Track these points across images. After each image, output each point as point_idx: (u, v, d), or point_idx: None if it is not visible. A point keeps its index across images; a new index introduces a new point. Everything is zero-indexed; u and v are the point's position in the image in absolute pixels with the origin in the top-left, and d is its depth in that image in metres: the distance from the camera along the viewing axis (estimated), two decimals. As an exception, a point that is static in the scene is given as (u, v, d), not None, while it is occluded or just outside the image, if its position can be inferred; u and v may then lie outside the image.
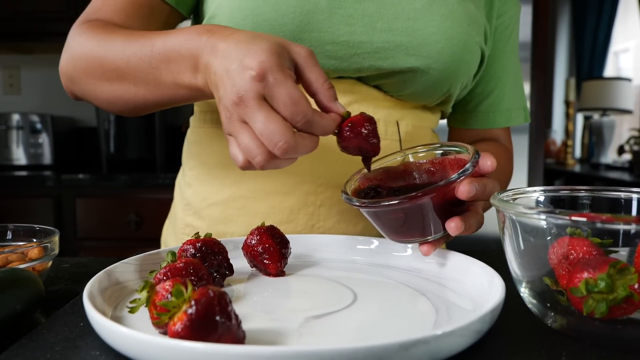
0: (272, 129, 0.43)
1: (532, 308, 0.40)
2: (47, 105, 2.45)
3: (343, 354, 0.29)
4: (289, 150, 0.44)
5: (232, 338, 0.32)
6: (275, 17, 0.62)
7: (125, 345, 0.33)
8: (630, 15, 3.96)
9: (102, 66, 0.60)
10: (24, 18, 2.13)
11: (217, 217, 0.70)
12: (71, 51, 0.64)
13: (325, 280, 0.50)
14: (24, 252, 0.49)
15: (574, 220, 0.34)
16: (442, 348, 0.32)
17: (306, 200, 0.67)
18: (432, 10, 0.65)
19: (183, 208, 0.75)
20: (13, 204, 1.96)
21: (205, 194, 0.72)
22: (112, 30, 0.61)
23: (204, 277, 0.42)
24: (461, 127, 0.82)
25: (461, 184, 0.46)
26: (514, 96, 0.81)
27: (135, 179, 1.92)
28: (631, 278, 0.33)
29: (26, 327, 0.40)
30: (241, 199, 0.69)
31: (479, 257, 0.49)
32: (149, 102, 0.59)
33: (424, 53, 0.65)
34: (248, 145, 0.45)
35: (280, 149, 0.44)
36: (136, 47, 0.56)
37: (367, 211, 0.50)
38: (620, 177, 2.57)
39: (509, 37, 0.78)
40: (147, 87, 0.57)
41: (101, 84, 0.61)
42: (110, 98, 0.62)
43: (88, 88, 0.63)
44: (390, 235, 0.52)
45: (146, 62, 0.55)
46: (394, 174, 0.56)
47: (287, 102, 0.44)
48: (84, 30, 0.63)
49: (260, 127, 0.44)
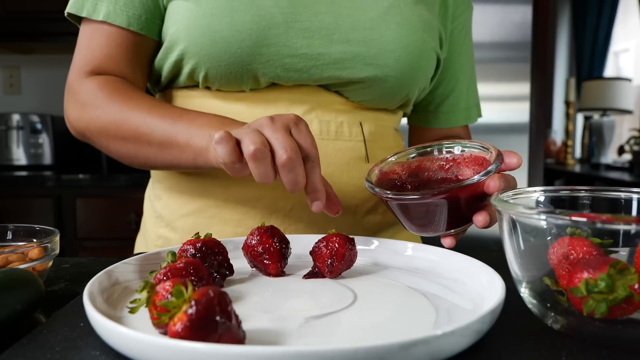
0: (279, 138, 0.50)
1: (532, 308, 0.40)
2: (47, 105, 2.45)
3: (343, 354, 0.29)
4: (264, 157, 0.49)
5: (232, 338, 0.32)
6: (231, 34, 0.63)
7: (125, 346, 0.33)
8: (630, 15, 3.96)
9: (119, 129, 0.64)
10: (24, 18, 2.13)
11: (189, 227, 0.71)
12: (85, 110, 0.67)
13: (325, 280, 0.50)
14: (24, 252, 0.49)
15: (574, 221, 0.34)
16: (442, 348, 0.32)
17: (277, 205, 0.68)
18: (387, 20, 0.67)
19: (154, 221, 0.76)
20: (13, 204, 1.96)
21: (176, 206, 0.72)
22: (129, 93, 0.66)
23: (204, 277, 0.42)
24: (423, 127, 0.85)
25: (492, 179, 0.50)
26: (471, 95, 0.84)
27: (135, 179, 1.92)
28: (631, 278, 0.33)
29: (26, 327, 0.40)
30: (211, 208, 0.70)
31: (479, 257, 0.49)
32: (158, 162, 0.64)
33: (381, 62, 0.67)
34: (253, 137, 0.49)
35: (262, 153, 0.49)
36: (157, 113, 0.62)
37: (392, 203, 0.53)
38: (620, 177, 2.57)
39: (464, 38, 0.81)
40: (159, 147, 0.62)
41: (115, 142, 0.65)
42: (122, 155, 0.67)
43: (100, 144, 0.68)
44: (412, 228, 0.55)
45: (167, 126, 0.61)
46: (416, 168, 0.59)
47: (286, 144, 0.50)
48: (97, 89, 0.66)
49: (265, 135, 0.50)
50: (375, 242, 0.58)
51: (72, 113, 0.69)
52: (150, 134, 0.62)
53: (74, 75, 0.69)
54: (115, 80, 0.68)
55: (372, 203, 0.72)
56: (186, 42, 0.65)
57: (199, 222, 0.70)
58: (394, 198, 0.52)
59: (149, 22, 0.68)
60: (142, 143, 0.63)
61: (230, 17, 0.62)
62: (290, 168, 0.49)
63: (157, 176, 0.77)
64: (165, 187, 0.74)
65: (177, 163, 0.62)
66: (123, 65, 0.69)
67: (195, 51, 0.64)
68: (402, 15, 0.68)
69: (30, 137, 2.17)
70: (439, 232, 0.54)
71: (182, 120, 0.61)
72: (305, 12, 0.64)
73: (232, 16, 0.62)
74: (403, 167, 0.59)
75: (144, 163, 0.66)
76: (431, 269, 0.52)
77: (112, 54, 0.68)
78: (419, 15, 0.69)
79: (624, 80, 3.20)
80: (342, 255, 0.50)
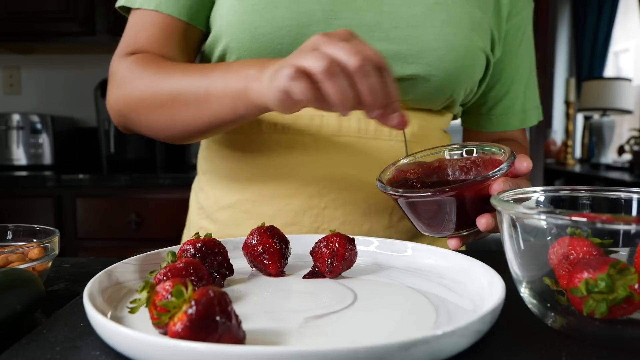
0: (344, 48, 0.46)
1: (532, 308, 0.40)
2: (47, 105, 2.45)
3: (343, 354, 0.29)
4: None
5: (232, 338, 0.32)
6: (272, 31, 0.63)
7: (125, 345, 0.33)
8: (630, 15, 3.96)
9: (155, 95, 0.63)
10: (24, 18, 2.13)
11: (227, 220, 0.72)
12: (122, 87, 0.67)
13: (325, 280, 0.50)
14: (24, 252, 0.49)
15: (574, 221, 0.34)
16: (442, 348, 0.32)
17: (310, 203, 0.68)
18: (432, 17, 0.65)
19: (197, 212, 0.78)
20: (13, 204, 1.95)
21: (216, 198, 0.74)
22: (163, 62, 0.65)
23: (204, 277, 0.42)
24: (477, 130, 0.82)
25: (495, 182, 0.49)
26: (528, 97, 0.80)
27: (135, 179, 1.92)
28: (631, 278, 0.33)
29: (26, 327, 0.40)
30: (248, 202, 0.71)
31: (479, 257, 0.49)
32: (197, 124, 0.61)
33: (423, 61, 0.65)
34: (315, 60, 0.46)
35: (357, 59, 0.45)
36: (192, 71, 0.61)
37: (401, 201, 0.53)
38: (620, 177, 2.57)
39: (522, 38, 0.77)
40: (196, 105, 0.60)
41: (153, 112, 0.64)
42: (162, 125, 0.65)
43: (140, 119, 0.66)
44: (421, 227, 0.55)
45: (202, 80, 0.59)
46: (428, 169, 0.58)
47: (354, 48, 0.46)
48: (132, 64, 0.66)
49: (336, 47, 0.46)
50: (375, 242, 0.58)
51: (111, 96, 0.69)
52: (185, 93, 0.60)
53: (114, 59, 0.70)
54: (151, 55, 0.67)
55: None
56: (229, 38, 0.65)
57: (235, 215, 0.72)
58: (401, 196, 0.52)
59: (199, 13, 0.68)
60: (179, 105, 0.61)
61: (271, 14, 0.62)
62: (365, 72, 0.45)
63: (201, 168, 0.78)
64: (208, 180, 0.76)
65: (217, 119, 0.59)
66: (166, 49, 0.68)
67: (237, 47, 0.65)
68: (448, 13, 0.65)
69: (30, 137, 2.17)
70: (446, 233, 0.53)
71: (216, 70, 0.59)
72: (346, 9, 0.64)
73: (272, 13, 0.62)
74: (418, 167, 0.58)
75: (184, 129, 0.63)
76: (431, 269, 0.52)
77: (156, 37, 0.68)
78: (468, 13, 0.67)
79: (624, 80, 3.20)
80: (342, 255, 0.50)
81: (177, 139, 0.67)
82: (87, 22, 2.13)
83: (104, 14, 2.13)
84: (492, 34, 0.71)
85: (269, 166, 0.69)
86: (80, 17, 2.13)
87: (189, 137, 0.66)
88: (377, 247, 0.58)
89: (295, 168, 0.68)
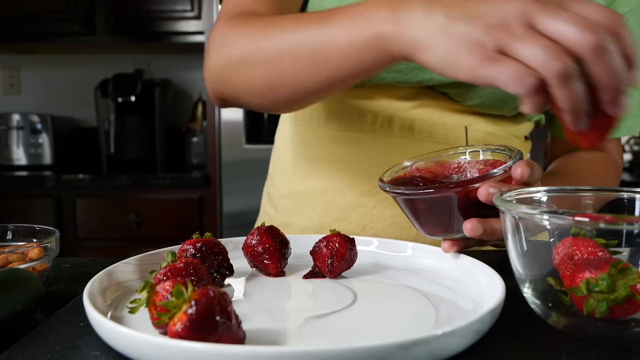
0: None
1: (535, 308, 0.40)
2: (47, 105, 2.46)
3: (343, 354, 0.29)
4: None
5: (232, 338, 0.32)
6: None
7: (125, 345, 0.33)
8: (631, 15, 3.96)
9: (261, 48, 0.54)
10: (24, 18, 2.13)
11: (286, 208, 0.75)
12: (223, 47, 0.58)
13: (325, 280, 0.50)
14: (24, 252, 0.49)
15: (577, 221, 0.34)
16: (442, 348, 0.32)
17: (360, 201, 0.69)
18: None
19: (266, 198, 0.82)
20: (13, 204, 1.96)
21: (279, 186, 0.77)
22: (269, 16, 0.58)
23: (204, 277, 0.42)
24: (561, 137, 0.77)
25: (482, 185, 0.45)
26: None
27: (135, 179, 1.92)
28: (633, 278, 0.33)
29: (26, 327, 0.40)
30: (304, 193, 0.73)
31: (479, 257, 0.49)
32: (310, 81, 0.52)
33: None
34: (539, 53, 0.36)
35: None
36: (304, 20, 0.52)
37: (396, 199, 0.52)
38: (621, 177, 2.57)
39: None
40: (311, 59, 0.50)
41: (258, 68, 0.55)
42: (266, 84, 0.55)
43: (241, 78, 0.57)
44: (418, 227, 0.54)
45: (317, 30, 0.50)
46: (440, 169, 0.56)
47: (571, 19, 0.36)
48: (237, 22, 0.58)
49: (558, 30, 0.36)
50: (375, 242, 0.58)
51: (210, 60, 0.60)
52: (298, 45, 0.51)
53: (216, 24, 0.62)
54: (257, 13, 0.60)
55: None
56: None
57: (293, 205, 0.74)
58: (396, 193, 0.50)
59: None
60: (289, 60, 0.52)
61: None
62: (604, 52, 0.35)
63: (272, 156, 0.82)
64: (274, 168, 0.80)
65: (337, 74, 0.50)
66: (272, 7, 0.61)
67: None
68: None
69: (30, 137, 2.17)
70: (440, 236, 0.52)
71: (335, 17, 0.49)
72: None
73: None
74: (424, 168, 0.57)
75: (292, 90, 0.54)
76: (431, 269, 0.52)
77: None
78: None
79: (624, 80, 3.19)
80: (342, 255, 0.50)
81: (280, 105, 0.58)
82: (87, 22, 2.13)
83: (104, 14, 2.13)
84: None
85: (325, 160, 0.71)
86: (80, 17, 2.13)
87: (296, 101, 0.57)
88: (377, 247, 0.58)
89: (348, 164, 0.69)
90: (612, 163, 0.75)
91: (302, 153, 0.74)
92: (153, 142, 2.20)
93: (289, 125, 0.77)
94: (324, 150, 0.71)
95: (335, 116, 0.69)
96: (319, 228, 0.71)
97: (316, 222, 0.71)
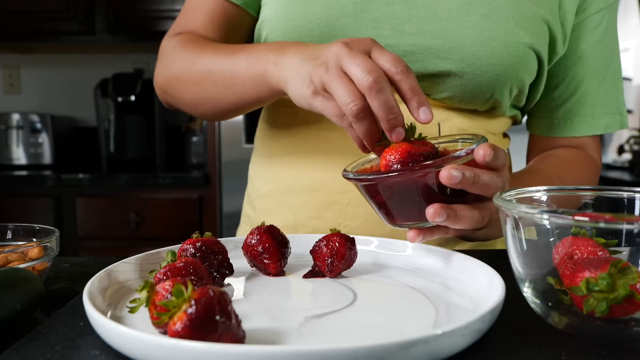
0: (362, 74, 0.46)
1: (534, 307, 0.40)
2: (47, 105, 2.46)
3: (343, 354, 0.29)
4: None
5: (232, 338, 0.32)
6: (302, 23, 0.63)
7: (125, 345, 0.33)
8: (630, 15, 3.96)
9: (190, 71, 0.67)
10: (24, 18, 2.13)
11: (263, 208, 0.75)
12: (164, 64, 0.72)
13: (325, 280, 0.50)
14: (24, 252, 0.49)
15: (577, 220, 0.34)
16: (442, 348, 0.32)
17: (334, 198, 0.69)
18: (469, 10, 0.62)
19: (246, 199, 0.83)
20: (13, 203, 1.95)
21: (257, 186, 0.78)
22: (202, 42, 0.69)
23: (204, 276, 0.42)
24: (539, 135, 0.77)
25: (444, 168, 0.44)
26: (603, 101, 0.72)
27: (135, 179, 1.92)
28: (632, 277, 0.33)
29: (26, 327, 0.40)
30: (280, 193, 0.73)
31: (479, 256, 0.49)
32: (225, 101, 0.65)
33: (456, 56, 0.62)
34: (342, 95, 0.47)
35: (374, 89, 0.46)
36: (222, 52, 0.64)
37: (360, 188, 0.50)
38: (620, 177, 2.57)
39: (598, 35, 0.69)
40: (223, 84, 0.63)
41: (187, 87, 0.68)
42: (195, 101, 0.69)
43: (176, 93, 0.70)
44: (383, 217, 0.51)
45: (229, 61, 0.62)
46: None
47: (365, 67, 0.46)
48: (177, 43, 0.71)
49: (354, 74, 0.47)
50: (375, 242, 0.58)
51: (157, 73, 0.74)
52: (214, 72, 0.64)
53: (165, 38, 0.74)
54: (196, 35, 0.71)
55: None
56: (267, 30, 0.67)
57: (270, 204, 0.74)
58: (358, 180, 0.49)
59: (252, 0, 0.71)
60: (208, 83, 0.65)
61: (303, 7, 0.63)
62: (378, 89, 0.45)
63: (252, 157, 0.83)
64: (253, 168, 0.81)
65: (241, 99, 0.63)
66: (213, 32, 0.72)
67: (273, 38, 0.66)
68: (489, 6, 0.61)
69: (30, 137, 2.17)
70: (408, 225, 0.50)
71: (242, 53, 0.61)
72: (377, 2, 0.62)
73: (304, 5, 0.63)
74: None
75: (213, 106, 0.67)
76: (431, 268, 0.52)
77: (205, 20, 0.72)
78: (514, 6, 0.62)
79: (624, 80, 3.18)
80: (342, 254, 0.50)
81: (209, 116, 0.71)
82: (87, 21, 2.13)
83: (104, 14, 2.13)
84: (550, 28, 0.65)
85: (300, 159, 0.71)
86: (80, 16, 2.13)
87: (220, 115, 0.70)
88: (377, 247, 0.58)
89: (322, 162, 0.69)
90: (590, 161, 0.75)
91: (276, 152, 0.74)
92: (153, 141, 2.20)
93: (265, 125, 0.78)
94: (297, 149, 0.71)
95: (308, 114, 0.69)
96: (295, 227, 0.71)
97: (292, 221, 0.71)
